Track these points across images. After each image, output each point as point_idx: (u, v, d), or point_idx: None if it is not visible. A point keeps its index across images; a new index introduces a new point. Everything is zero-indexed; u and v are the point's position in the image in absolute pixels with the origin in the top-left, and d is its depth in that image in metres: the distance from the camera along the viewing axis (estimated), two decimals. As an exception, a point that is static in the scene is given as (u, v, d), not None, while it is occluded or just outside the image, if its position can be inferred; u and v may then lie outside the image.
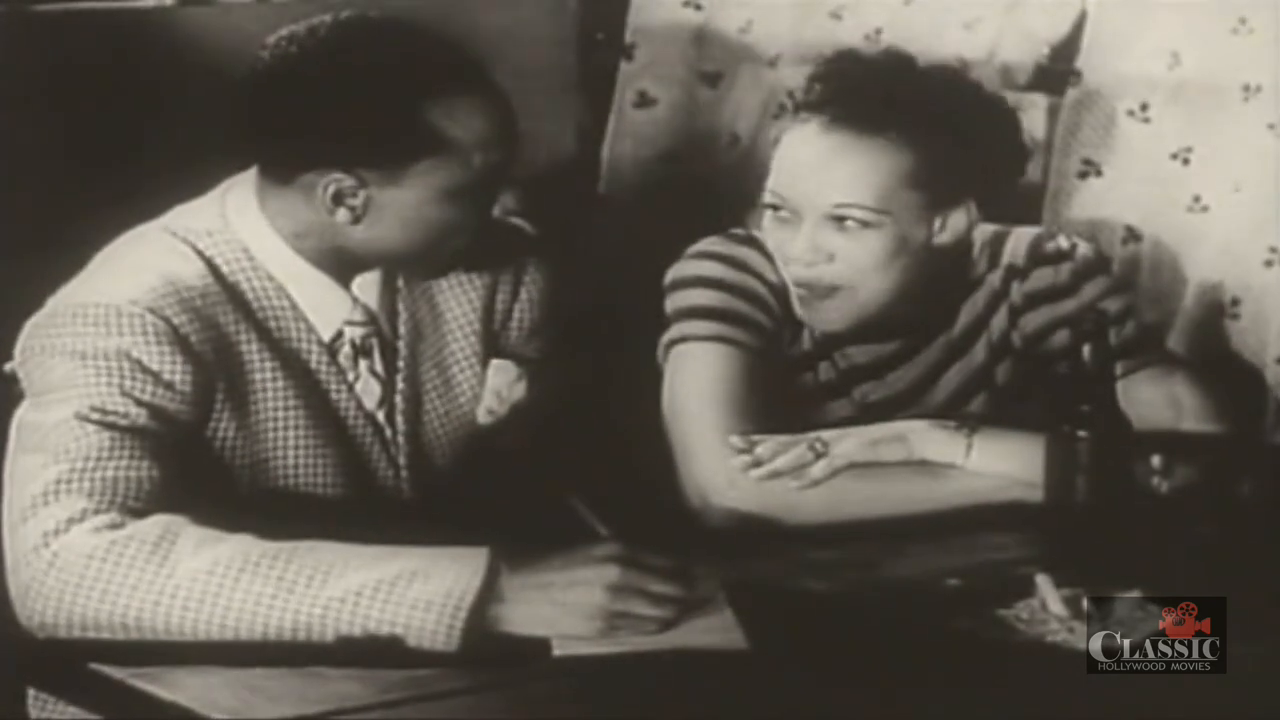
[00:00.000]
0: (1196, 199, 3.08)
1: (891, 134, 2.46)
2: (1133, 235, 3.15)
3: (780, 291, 2.55)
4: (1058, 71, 3.25)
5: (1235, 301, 3.08)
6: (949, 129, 2.48)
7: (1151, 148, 3.11)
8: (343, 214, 2.24)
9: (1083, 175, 3.15)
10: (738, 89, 3.35)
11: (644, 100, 3.38)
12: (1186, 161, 3.07)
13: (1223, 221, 3.07)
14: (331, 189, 2.22)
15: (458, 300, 2.41)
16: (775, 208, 2.51)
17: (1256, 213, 3.02)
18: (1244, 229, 3.04)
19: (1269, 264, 3.02)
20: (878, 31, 3.25)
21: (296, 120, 2.21)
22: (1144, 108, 3.10)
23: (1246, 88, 3.01)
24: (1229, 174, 3.06)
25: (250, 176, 2.30)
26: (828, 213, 2.47)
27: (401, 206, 2.24)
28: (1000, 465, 2.43)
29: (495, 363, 2.42)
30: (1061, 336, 2.57)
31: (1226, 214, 3.06)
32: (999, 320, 2.60)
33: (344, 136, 2.20)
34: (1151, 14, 3.09)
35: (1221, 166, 3.07)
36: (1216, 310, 3.10)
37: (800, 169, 2.49)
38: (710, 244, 2.60)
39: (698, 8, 3.34)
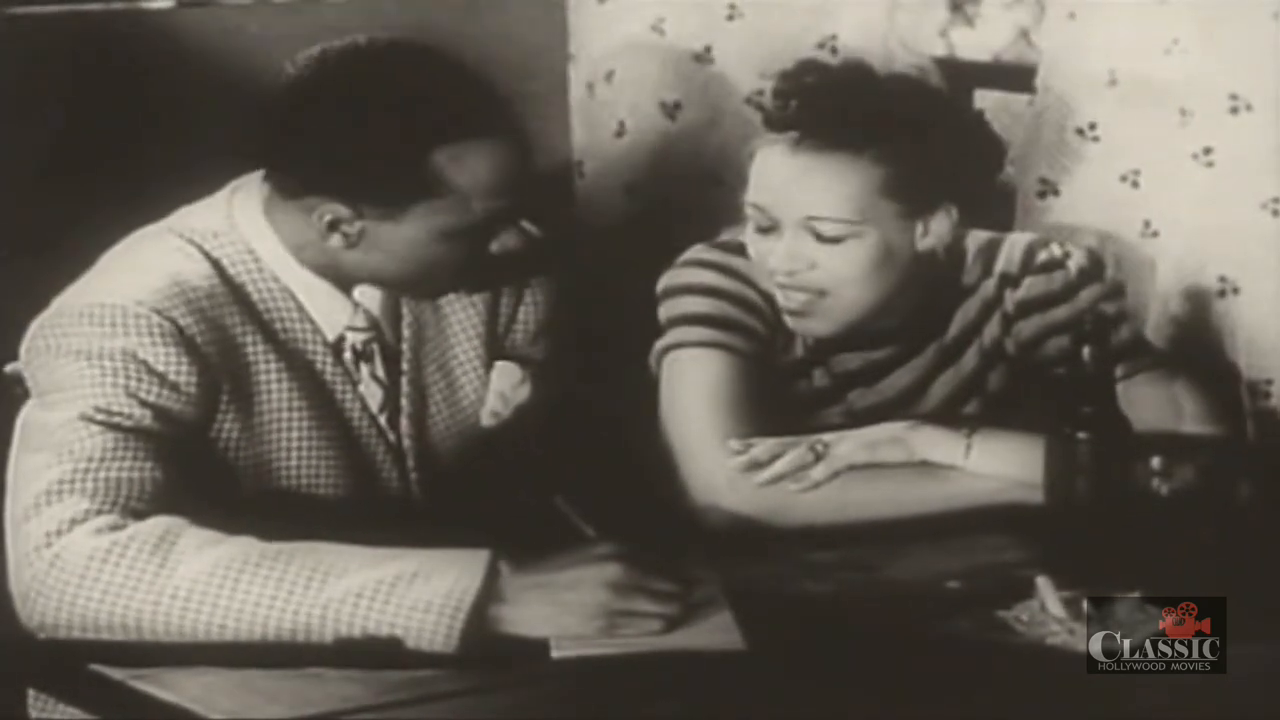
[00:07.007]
0: (1147, 224, 2.99)
1: (858, 149, 2.45)
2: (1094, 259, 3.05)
3: (772, 298, 2.54)
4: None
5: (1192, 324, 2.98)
6: (915, 137, 2.48)
7: (1102, 169, 3.02)
8: (336, 239, 2.24)
9: (1041, 195, 3.08)
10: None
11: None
12: (1136, 185, 2.99)
13: (1174, 248, 2.97)
14: (328, 217, 2.23)
15: (461, 304, 2.41)
16: (756, 219, 2.51)
17: (1202, 242, 2.93)
18: (1195, 257, 2.95)
19: (1221, 294, 2.94)
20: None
21: (305, 146, 2.21)
22: (1092, 127, 3.02)
23: (1183, 111, 2.92)
24: (1173, 199, 2.96)
25: (257, 179, 2.30)
26: (805, 224, 2.47)
27: (396, 241, 2.24)
28: (1000, 467, 2.43)
29: (499, 365, 2.42)
30: (1056, 343, 2.57)
31: (1177, 240, 2.96)
32: (991, 327, 2.60)
33: (347, 170, 2.20)
34: (1090, 30, 2.97)
35: (1166, 191, 2.97)
36: (1176, 328, 3.01)
37: (775, 183, 2.48)
38: (701, 251, 2.60)
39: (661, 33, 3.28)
